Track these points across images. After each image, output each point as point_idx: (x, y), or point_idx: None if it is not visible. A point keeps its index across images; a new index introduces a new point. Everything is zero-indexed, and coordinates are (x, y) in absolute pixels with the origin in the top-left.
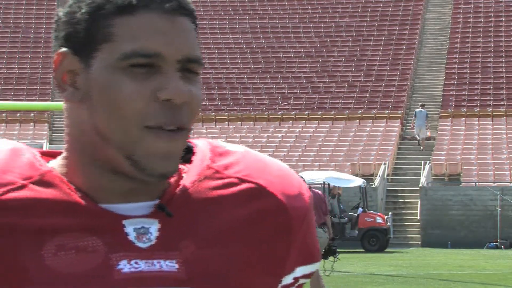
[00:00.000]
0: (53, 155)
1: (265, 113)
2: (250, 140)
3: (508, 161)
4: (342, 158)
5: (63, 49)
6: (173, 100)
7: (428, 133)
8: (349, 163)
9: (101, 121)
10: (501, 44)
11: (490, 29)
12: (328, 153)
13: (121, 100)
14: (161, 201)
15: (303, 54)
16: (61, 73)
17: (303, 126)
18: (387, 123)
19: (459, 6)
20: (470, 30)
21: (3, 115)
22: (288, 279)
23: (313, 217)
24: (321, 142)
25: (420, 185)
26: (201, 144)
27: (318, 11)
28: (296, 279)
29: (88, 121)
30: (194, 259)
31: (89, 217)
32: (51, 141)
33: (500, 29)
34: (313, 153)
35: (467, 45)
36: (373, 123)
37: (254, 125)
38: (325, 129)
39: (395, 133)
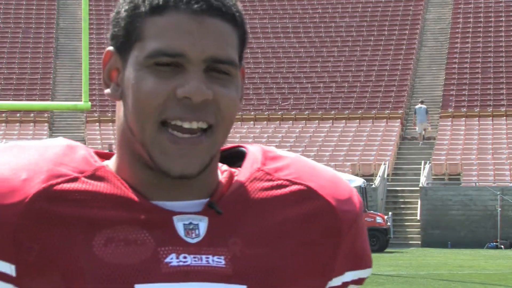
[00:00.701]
0: (106, 156)
1: (265, 113)
2: (250, 140)
3: (508, 161)
4: (342, 158)
5: (109, 48)
6: (191, 98)
7: (429, 128)
8: (349, 163)
9: (130, 117)
10: (501, 44)
11: (490, 29)
12: (328, 153)
13: (142, 95)
14: (212, 199)
15: (303, 54)
16: (108, 70)
17: (303, 126)
18: (387, 123)
19: (459, 6)
20: (470, 30)
21: (3, 115)
22: (336, 282)
23: (364, 224)
24: (321, 142)
25: (420, 185)
26: (253, 149)
27: (318, 11)
28: (345, 283)
29: (124, 117)
30: (242, 256)
31: (140, 212)
32: None
33: (500, 29)
34: (313, 153)
35: (467, 45)
36: (373, 123)
37: (254, 125)
38: (325, 129)
39: (395, 133)
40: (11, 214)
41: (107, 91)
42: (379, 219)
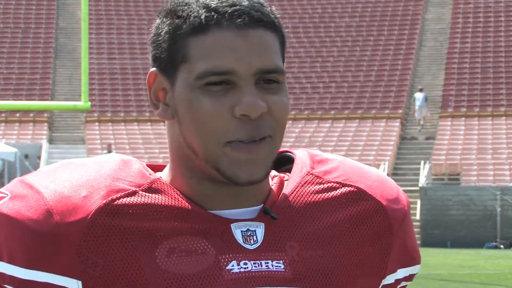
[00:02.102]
0: (158, 169)
1: None
2: None
3: (508, 161)
4: None
5: (153, 69)
6: (249, 115)
7: (429, 114)
8: None
9: (189, 136)
10: (500, 44)
11: (489, 29)
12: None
13: (201, 118)
14: (266, 205)
15: (302, 54)
16: (155, 91)
17: (302, 126)
18: (387, 123)
19: (459, 6)
20: (470, 30)
21: (3, 115)
22: (389, 280)
23: (412, 222)
24: (320, 142)
25: (420, 185)
26: (300, 154)
27: (317, 11)
28: (398, 281)
29: (180, 135)
30: (299, 259)
31: (198, 222)
32: (50, 141)
33: (500, 29)
34: None
35: (467, 45)
36: (372, 123)
37: None
38: (325, 129)
39: (395, 133)
40: (75, 231)
41: (158, 112)
42: None
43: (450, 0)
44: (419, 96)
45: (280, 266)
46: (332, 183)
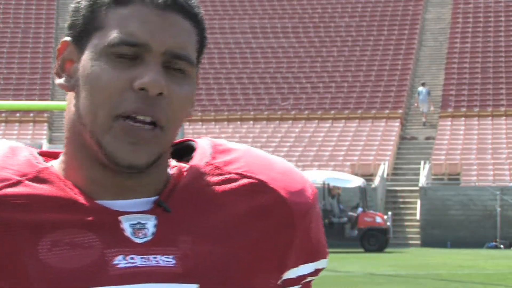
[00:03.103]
0: (53, 156)
1: (265, 113)
2: (250, 140)
3: (508, 161)
4: (341, 158)
5: (66, 38)
6: (147, 90)
7: (432, 108)
8: (348, 163)
9: (82, 106)
10: (500, 44)
11: (489, 29)
12: (327, 153)
13: (98, 85)
14: (161, 197)
15: (302, 54)
16: (62, 60)
17: (302, 126)
18: (386, 123)
19: (459, 6)
20: (470, 30)
21: (3, 115)
22: (290, 275)
23: (319, 215)
24: (320, 142)
25: (420, 185)
26: (202, 142)
27: (317, 11)
28: (302, 277)
29: (75, 108)
30: (192, 254)
31: (85, 213)
32: (50, 141)
33: (500, 29)
34: (312, 153)
35: (466, 45)
36: (372, 123)
37: (253, 125)
38: (325, 129)
39: (394, 133)
40: None
41: (59, 81)
42: (378, 219)
43: (450, 0)
44: (422, 92)
45: (170, 261)
46: (231, 174)
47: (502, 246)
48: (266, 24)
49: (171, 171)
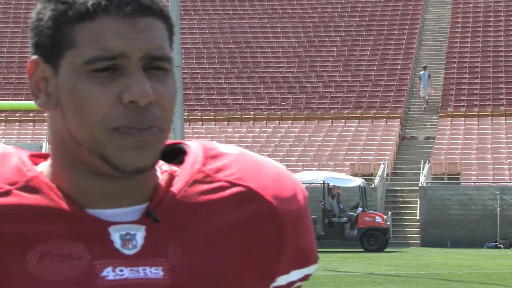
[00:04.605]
0: (45, 157)
1: (265, 113)
2: (250, 140)
3: (508, 160)
4: (341, 157)
5: (34, 56)
6: (137, 102)
7: (433, 91)
8: (348, 162)
9: (72, 126)
10: (500, 44)
11: (489, 29)
12: (327, 153)
13: (86, 106)
14: (149, 207)
15: (302, 54)
16: (35, 80)
17: (302, 126)
18: (386, 122)
19: (459, 5)
20: (470, 30)
21: (3, 114)
22: (280, 281)
23: (309, 219)
24: (320, 142)
25: (420, 184)
26: (194, 146)
27: (317, 10)
28: (292, 283)
29: (63, 126)
30: (181, 265)
31: (74, 224)
32: None
33: (500, 29)
34: (312, 153)
35: (466, 45)
36: (372, 123)
37: (253, 124)
38: (325, 129)
39: (394, 133)
40: None
41: (39, 102)
42: (378, 219)
43: (450, 0)
44: (423, 75)
45: (158, 273)
46: (222, 182)
47: (502, 246)
48: (266, 24)
49: (162, 176)
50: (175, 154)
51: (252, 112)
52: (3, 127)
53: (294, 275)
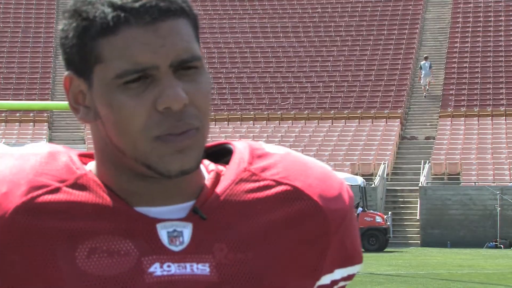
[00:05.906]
0: (93, 156)
1: (265, 113)
2: (250, 139)
3: (508, 160)
4: (341, 157)
5: (67, 72)
6: (171, 107)
7: (433, 81)
8: (348, 162)
9: (113, 136)
10: (500, 43)
11: (489, 29)
12: (327, 153)
13: (124, 118)
14: (196, 204)
15: (302, 54)
16: (72, 95)
17: (302, 126)
18: (386, 122)
19: (459, 5)
20: (470, 29)
21: (3, 114)
22: (325, 280)
23: (355, 219)
24: (320, 142)
25: (420, 184)
26: (240, 146)
27: (317, 10)
28: (335, 281)
29: (106, 136)
30: (227, 262)
31: (123, 221)
32: (50, 141)
33: (500, 28)
34: (312, 153)
35: (466, 45)
36: (372, 123)
37: (253, 124)
38: (325, 129)
39: (394, 133)
40: None
41: (79, 115)
42: (378, 219)
43: (450, 0)
44: (424, 65)
45: (205, 270)
46: (268, 181)
47: (502, 245)
48: (266, 24)
49: (208, 175)
50: (222, 155)
51: (252, 112)
52: (3, 127)
53: (338, 274)
